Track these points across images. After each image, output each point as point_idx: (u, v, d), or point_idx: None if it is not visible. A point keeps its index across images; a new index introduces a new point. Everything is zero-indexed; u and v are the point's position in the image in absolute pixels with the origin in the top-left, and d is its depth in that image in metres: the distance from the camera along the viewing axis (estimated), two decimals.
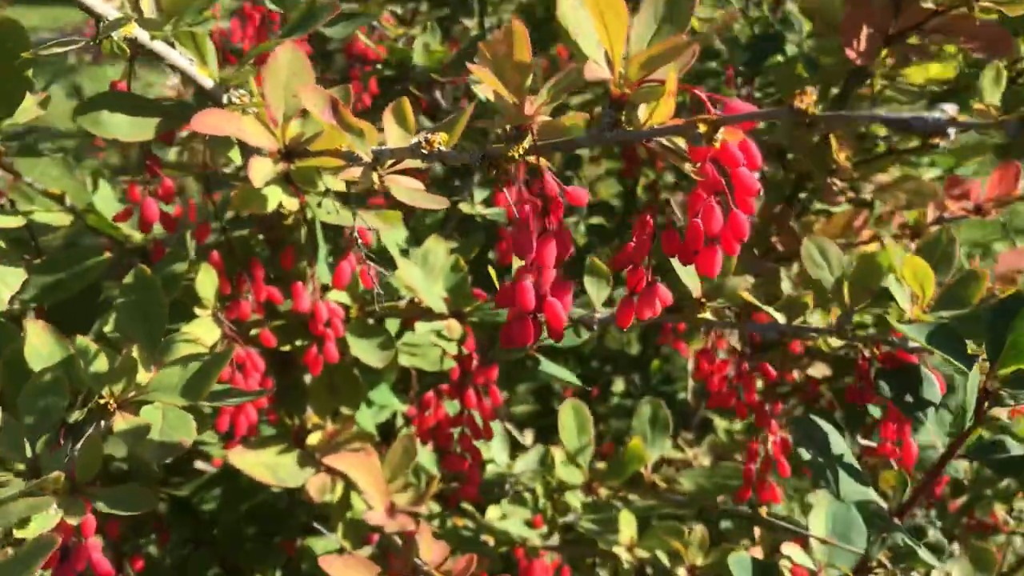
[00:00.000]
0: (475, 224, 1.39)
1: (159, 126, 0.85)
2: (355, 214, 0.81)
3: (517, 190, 0.63)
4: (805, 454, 0.94)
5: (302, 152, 0.81)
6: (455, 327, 0.99)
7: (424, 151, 0.69)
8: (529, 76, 0.60)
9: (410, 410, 1.24)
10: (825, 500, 1.06)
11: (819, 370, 1.45)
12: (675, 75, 0.53)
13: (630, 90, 0.55)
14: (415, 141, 0.71)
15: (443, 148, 0.70)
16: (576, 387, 1.23)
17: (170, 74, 0.92)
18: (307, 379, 1.08)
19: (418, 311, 1.02)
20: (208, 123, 0.75)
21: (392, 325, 1.10)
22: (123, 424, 0.70)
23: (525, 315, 0.61)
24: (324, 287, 0.98)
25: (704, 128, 0.52)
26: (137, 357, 0.73)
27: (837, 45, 1.31)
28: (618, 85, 0.56)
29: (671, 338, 1.21)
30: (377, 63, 1.37)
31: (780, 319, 0.96)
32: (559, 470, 1.14)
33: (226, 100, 0.85)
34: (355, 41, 1.40)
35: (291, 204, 0.86)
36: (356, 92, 1.43)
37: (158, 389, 0.71)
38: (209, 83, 0.85)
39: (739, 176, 0.56)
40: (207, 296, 0.89)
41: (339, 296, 1.00)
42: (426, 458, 1.22)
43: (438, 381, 1.11)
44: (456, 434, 1.04)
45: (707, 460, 1.47)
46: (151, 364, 0.76)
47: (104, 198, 1.12)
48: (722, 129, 0.54)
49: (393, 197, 0.77)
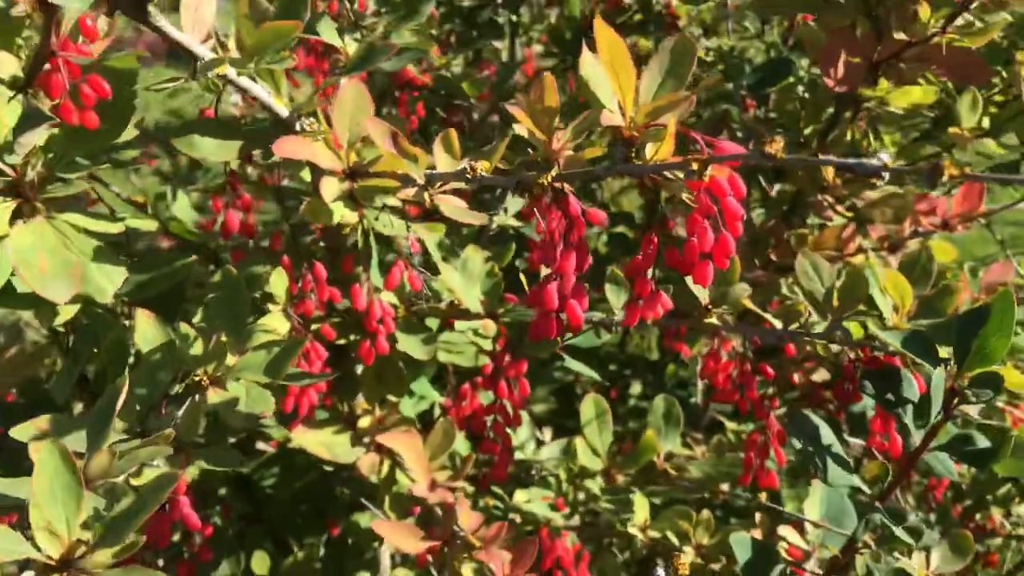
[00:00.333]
0: (507, 235, 1.53)
1: (241, 148, 1.00)
2: (409, 227, 0.95)
3: (546, 211, 0.77)
4: (797, 444, 1.06)
5: (364, 173, 0.95)
6: (490, 326, 1.13)
7: (468, 176, 0.83)
8: (556, 119, 0.74)
9: (446, 401, 1.37)
10: (820, 488, 1.18)
11: (820, 375, 1.57)
12: (675, 122, 0.67)
13: (638, 133, 0.69)
14: (461, 167, 0.85)
15: (484, 174, 0.84)
16: (596, 384, 1.37)
17: (232, 92, 1.07)
18: (358, 369, 1.22)
19: (457, 311, 1.16)
20: (287, 148, 0.90)
21: (431, 324, 1.24)
22: (215, 397, 0.84)
23: (550, 313, 0.75)
24: (377, 288, 1.12)
25: (696, 166, 0.65)
26: (225, 343, 0.88)
27: None
28: (628, 129, 0.69)
29: (674, 340, 1.33)
30: (423, 88, 1.52)
31: (777, 325, 1.09)
32: (580, 457, 1.27)
33: (298, 127, 1.00)
34: (403, 69, 1.55)
35: (351, 217, 1.00)
36: (404, 114, 1.58)
37: (244, 369, 0.86)
38: (284, 112, 1.00)
39: (727, 204, 0.69)
40: (279, 294, 1.03)
41: (389, 297, 1.14)
42: (460, 444, 1.35)
43: (471, 375, 1.25)
44: (489, 422, 1.18)
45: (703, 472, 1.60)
46: (236, 349, 0.90)
47: (181, 207, 1.27)
48: (711, 166, 0.67)
49: (437, 210, 0.91)
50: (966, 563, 1.10)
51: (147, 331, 0.87)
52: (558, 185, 0.75)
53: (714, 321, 1.10)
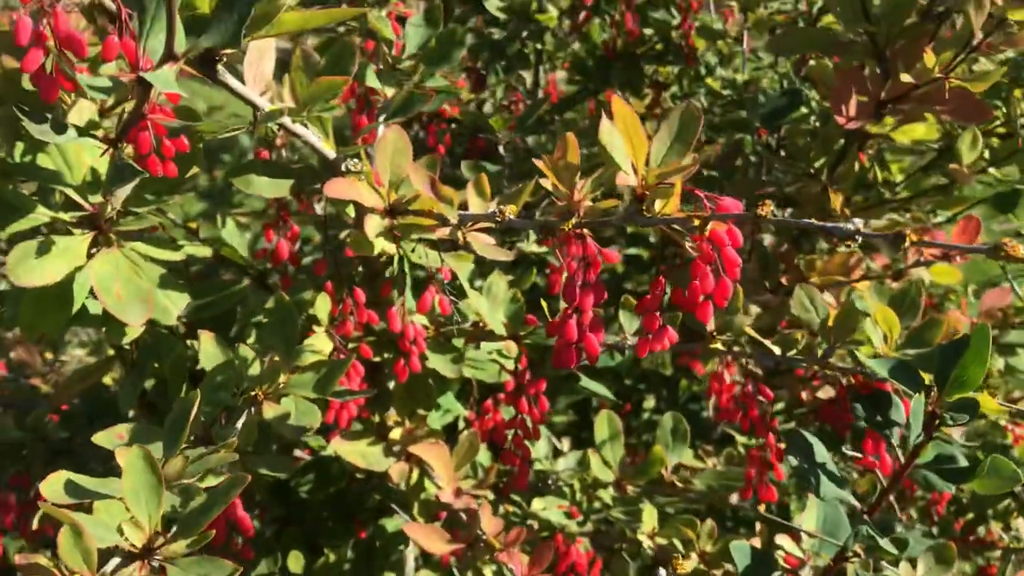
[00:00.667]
0: (529, 259, 1.63)
1: (292, 186, 1.11)
2: (442, 259, 1.06)
3: (566, 253, 0.87)
4: (793, 460, 1.16)
5: (403, 211, 1.06)
6: (512, 347, 1.23)
7: (498, 219, 0.93)
8: (577, 174, 0.84)
9: (470, 415, 1.47)
10: (816, 501, 1.27)
11: (826, 392, 1.66)
12: (680, 183, 0.77)
13: (649, 191, 0.79)
14: (491, 210, 0.96)
15: (512, 216, 0.94)
16: (610, 401, 1.47)
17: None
18: (390, 385, 1.32)
19: (483, 333, 1.26)
20: (336, 189, 1.00)
21: (457, 344, 1.35)
22: (270, 411, 0.95)
23: (570, 344, 0.85)
24: (410, 311, 1.22)
25: (698, 222, 0.75)
26: (278, 363, 0.99)
27: None
28: (640, 187, 0.79)
29: (688, 358, 1.43)
30: (451, 121, 1.63)
31: (776, 351, 1.18)
32: (594, 469, 1.37)
33: (344, 168, 1.11)
34: None
35: (390, 248, 1.11)
36: (432, 144, 1.69)
37: (295, 386, 0.97)
38: (331, 154, 1.11)
39: (726, 253, 0.79)
40: (322, 316, 1.14)
41: (421, 319, 1.25)
42: (483, 455, 1.45)
43: (493, 391, 1.35)
44: (510, 435, 1.28)
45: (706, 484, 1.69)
46: (287, 368, 1.01)
47: (231, 233, 1.38)
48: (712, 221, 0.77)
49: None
50: (951, 572, 1.19)
51: (209, 350, 0.98)
52: (579, 232, 0.85)
53: (718, 347, 1.20)
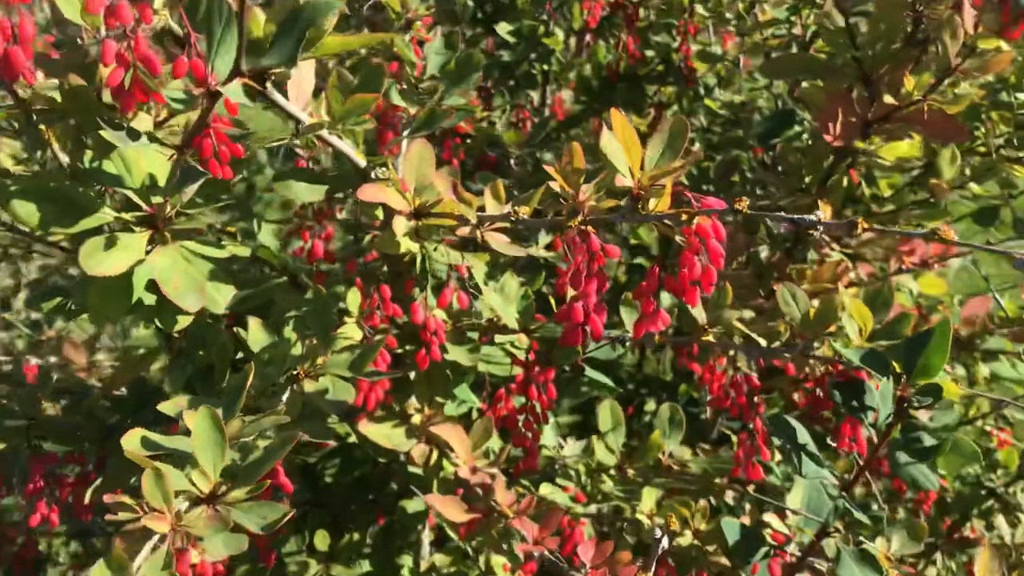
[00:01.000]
0: (538, 263, 1.76)
1: (327, 191, 1.24)
2: (463, 256, 1.19)
3: (573, 247, 1.00)
4: (777, 442, 1.27)
5: (426, 213, 1.19)
6: (524, 339, 1.35)
7: (513, 219, 1.06)
8: (583, 177, 0.96)
9: (483, 405, 1.59)
10: (802, 482, 1.39)
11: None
12: (671, 183, 0.90)
13: (644, 191, 0.92)
14: (506, 211, 1.09)
15: (525, 216, 1.07)
16: (613, 393, 1.59)
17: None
18: (411, 375, 1.45)
19: (496, 327, 1.38)
20: (369, 193, 1.13)
21: (472, 337, 1.47)
22: (310, 387, 1.07)
23: (576, 326, 0.97)
24: (430, 306, 1.35)
25: (685, 216, 0.88)
26: (316, 345, 1.12)
27: None
28: (636, 187, 0.92)
29: (687, 359, 1.55)
30: (465, 136, 1.76)
31: (762, 343, 1.30)
32: (598, 454, 1.48)
33: (373, 175, 1.24)
34: None
35: (414, 247, 1.24)
36: (448, 157, 1.83)
37: (332, 366, 1.09)
38: (362, 163, 1.24)
39: (711, 245, 0.92)
40: (353, 309, 1.26)
41: (440, 313, 1.37)
42: (494, 442, 1.57)
43: (503, 384, 1.47)
44: (521, 420, 1.40)
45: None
46: (324, 351, 1.14)
47: (266, 234, 1.51)
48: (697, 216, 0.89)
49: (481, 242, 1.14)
50: (920, 547, 1.30)
51: (257, 334, 1.10)
52: (583, 228, 0.98)
53: (710, 339, 1.32)
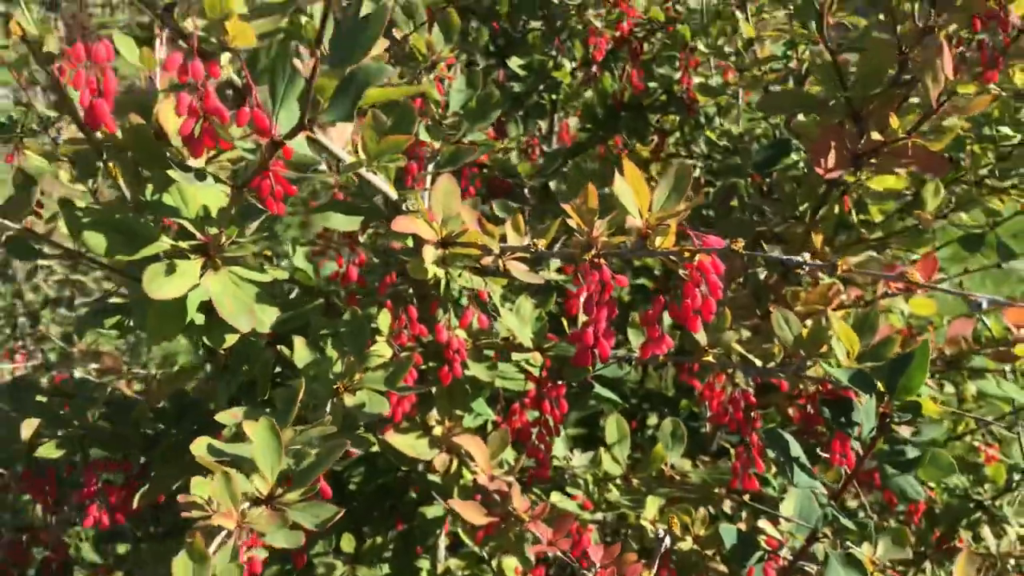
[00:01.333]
0: (549, 286, 1.87)
1: (362, 222, 1.36)
2: (485, 282, 1.30)
3: (587, 277, 1.11)
4: (771, 454, 1.38)
5: (452, 243, 1.31)
6: (538, 357, 1.47)
7: (533, 250, 1.18)
8: (596, 216, 1.08)
9: (498, 418, 1.71)
10: (794, 491, 1.50)
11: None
12: (675, 224, 1.01)
13: (651, 230, 1.03)
14: (526, 243, 1.21)
15: (543, 248, 1.19)
16: (620, 407, 1.70)
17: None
18: (433, 390, 1.56)
19: (512, 346, 1.50)
20: (401, 224, 1.25)
21: (489, 355, 1.58)
22: (349, 400, 1.19)
23: (588, 348, 1.09)
24: (453, 326, 1.46)
25: (687, 254, 1.00)
26: (353, 362, 1.23)
27: None
28: (645, 227, 1.04)
29: (687, 376, 1.67)
30: (483, 166, 1.89)
31: (758, 363, 1.42)
32: (605, 465, 1.60)
33: (404, 207, 1.36)
34: None
35: (440, 273, 1.35)
36: (465, 185, 1.95)
37: (368, 381, 1.21)
38: (394, 195, 1.36)
39: (710, 279, 1.03)
40: (384, 328, 1.38)
41: (461, 333, 1.49)
42: (508, 454, 1.69)
43: (517, 398, 1.59)
44: (534, 432, 1.52)
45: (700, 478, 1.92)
46: (359, 368, 1.25)
47: (300, 259, 1.63)
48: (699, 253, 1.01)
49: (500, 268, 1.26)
50: (905, 553, 1.41)
51: (302, 353, 1.22)
52: (596, 260, 1.10)
53: (710, 359, 1.44)
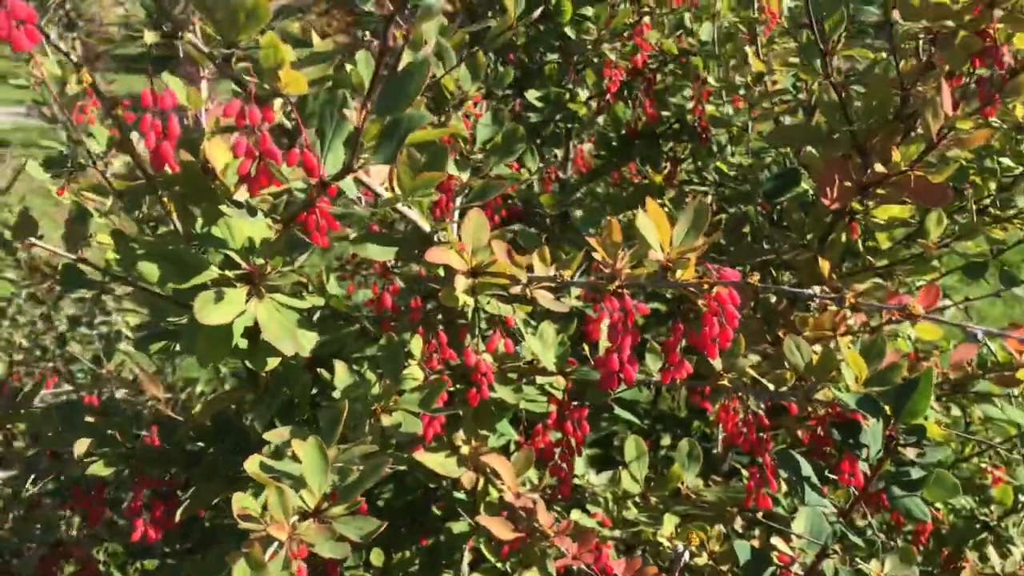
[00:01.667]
0: (571, 313, 1.95)
1: (397, 253, 1.44)
2: (514, 308, 1.38)
3: (609, 305, 1.19)
4: (783, 474, 1.45)
5: (481, 272, 1.39)
6: (561, 380, 1.55)
7: (559, 281, 1.26)
8: (619, 249, 1.16)
9: (520, 438, 1.78)
10: (805, 510, 1.57)
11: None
12: (694, 258, 1.09)
13: (672, 263, 1.11)
14: (552, 273, 1.29)
15: (568, 278, 1.27)
16: (635, 430, 1.77)
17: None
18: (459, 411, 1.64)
19: (536, 369, 1.58)
20: (434, 255, 1.34)
21: (512, 378, 1.66)
22: (387, 420, 1.27)
23: (613, 373, 1.17)
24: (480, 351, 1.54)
25: (706, 285, 1.08)
26: (390, 385, 1.31)
27: None
28: (666, 260, 1.12)
29: (699, 398, 1.74)
30: (507, 197, 1.97)
31: (771, 387, 1.49)
32: (624, 483, 1.67)
33: (436, 239, 1.44)
34: None
35: (469, 301, 1.44)
36: (489, 215, 2.03)
37: (405, 403, 1.29)
38: (427, 228, 1.44)
39: (727, 309, 1.11)
40: (416, 353, 1.46)
41: (487, 357, 1.56)
42: (531, 473, 1.76)
43: (539, 420, 1.66)
44: (557, 452, 1.59)
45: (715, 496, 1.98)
46: (394, 390, 1.33)
47: (333, 284, 1.72)
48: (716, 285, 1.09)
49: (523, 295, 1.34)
50: (911, 571, 1.48)
51: (343, 376, 1.30)
52: (620, 290, 1.18)
53: (725, 383, 1.51)
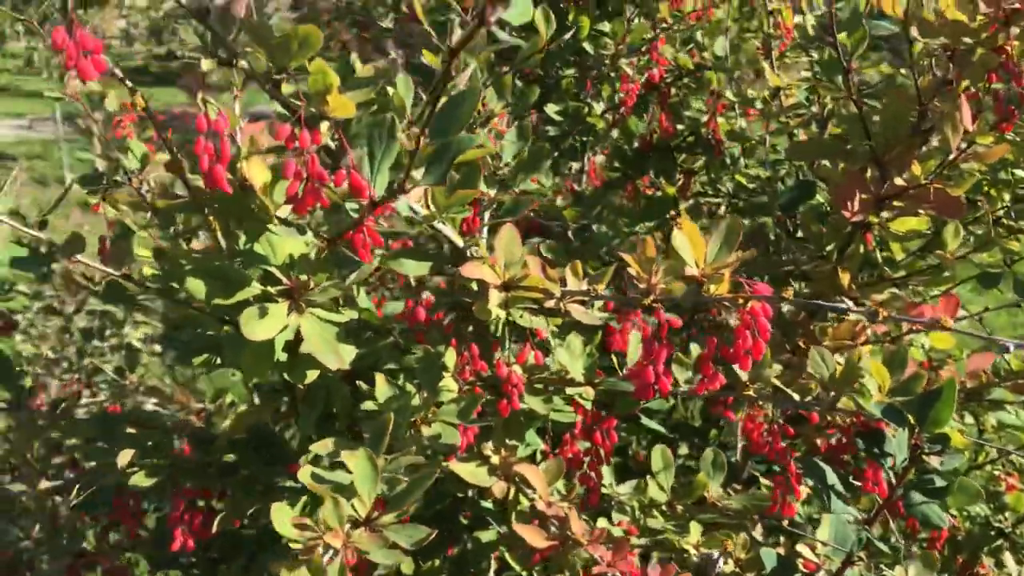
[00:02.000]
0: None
1: (431, 268, 1.48)
2: (547, 320, 1.42)
3: (636, 319, 1.23)
4: (809, 482, 1.49)
5: (514, 286, 1.42)
6: (590, 391, 1.58)
7: (592, 295, 1.30)
8: (653, 266, 1.20)
9: (546, 448, 1.81)
10: (829, 517, 1.60)
11: (837, 440, 1.99)
12: (728, 273, 1.13)
13: (706, 278, 1.15)
14: (585, 288, 1.33)
15: (600, 291, 1.31)
16: (659, 440, 1.81)
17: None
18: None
19: (565, 381, 1.62)
20: (469, 270, 1.37)
21: (539, 388, 1.70)
22: (427, 431, 1.31)
23: (648, 385, 1.20)
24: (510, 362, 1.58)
25: (740, 300, 1.11)
26: (428, 397, 1.35)
27: None
28: (700, 275, 1.16)
29: (722, 408, 1.77)
30: (531, 210, 2.02)
31: (796, 397, 1.53)
32: (651, 492, 1.70)
33: (469, 254, 1.48)
34: None
35: (502, 314, 1.47)
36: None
37: (443, 414, 1.33)
38: (460, 243, 1.48)
39: (760, 322, 1.15)
40: (450, 365, 1.50)
41: (517, 369, 1.60)
42: (559, 483, 1.79)
43: (566, 430, 1.70)
44: (586, 462, 1.63)
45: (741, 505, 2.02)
46: (432, 402, 1.37)
47: (363, 299, 1.75)
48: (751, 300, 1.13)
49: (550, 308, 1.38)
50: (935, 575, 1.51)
51: (382, 388, 1.34)
52: (654, 305, 1.22)
53: (751, 393, 1.55)
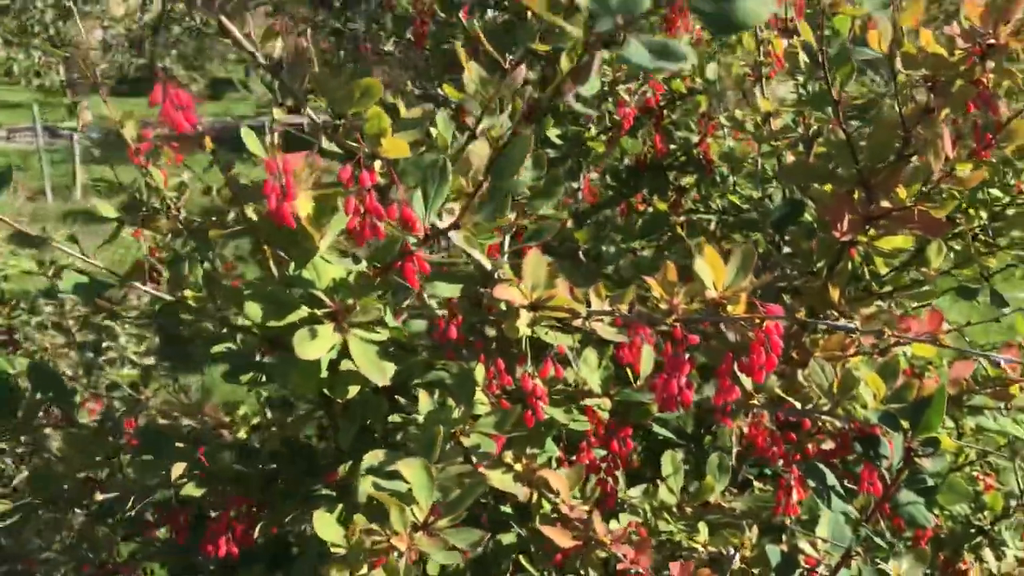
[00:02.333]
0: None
1: (462, 289, 1.60)
2: (573, 338, 1.54)
3: (644, 333, 1.35)
4: (811, 483, 1.62)
5: (541, 306, 1.54)
6: (607, 402, 1.71)
7: (617, 313, 1.42)
8: (675, 287, 1.33)
9: (561, 455, 1.93)
10: (827, 515, 1.73)
11: (828, 444, 2.12)
12: (745, 295, 1.26)
13: (724, 300, 1.28)
14: (609, 307, 1.45)
15: (623, 312, 1.43)
16: (670, 445, 1.93)
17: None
18: None
19: (583, 392, 1.74)
20: (500, 292, 1.49)
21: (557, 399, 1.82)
22: (466, 442, 1.42)
23: (672, 397, 1.33)
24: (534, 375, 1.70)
25: (756, 320, 1.24)
26: (466, 410, 1.47)
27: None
28: (719, 297, 1.28)
29: (722, 416, 1.90)
30: None
31: (798, 405, 1.66)
32: (662, 494, 1.83)
33: (496, 276, 1.60)
34: None
35: (528, 332, 1.59)
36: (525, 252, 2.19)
37: (481, 426, 1.44)
38: (488, 265, 1.60)
39: (773, 340, 1.28)
40: (479, 380, 1.61)
41: (539, 381, 1.72)
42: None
43: (580, 438, 1.82)
44: (603, 469, 1.75)
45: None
46: (468, 414, 1.49)
47: (390, 319, 1.86)
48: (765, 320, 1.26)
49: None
50: (925, 569, 1.64)
51: (425, 402, 1.46)
52: (675, 324, 1.34)
53: (755, 402, 1.68)
